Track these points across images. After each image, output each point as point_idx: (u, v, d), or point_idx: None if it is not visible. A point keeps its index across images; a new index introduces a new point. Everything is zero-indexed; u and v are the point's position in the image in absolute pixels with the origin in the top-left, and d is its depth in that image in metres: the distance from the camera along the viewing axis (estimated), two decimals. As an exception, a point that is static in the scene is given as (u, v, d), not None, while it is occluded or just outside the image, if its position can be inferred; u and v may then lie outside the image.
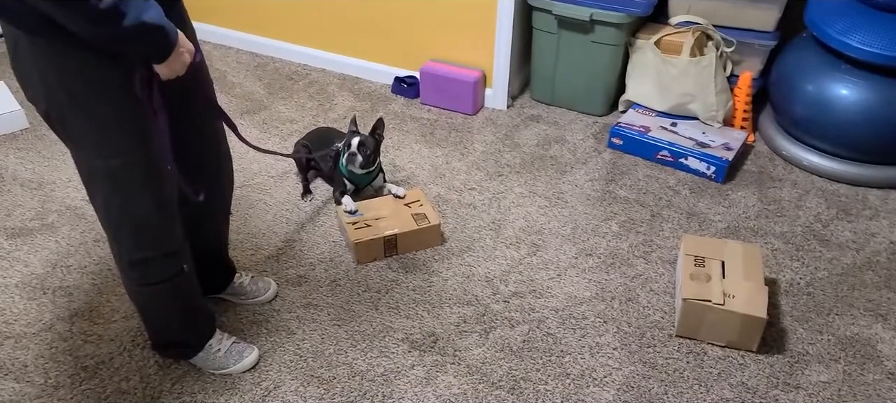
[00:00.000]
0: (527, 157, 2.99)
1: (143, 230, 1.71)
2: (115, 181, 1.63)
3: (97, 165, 1.61)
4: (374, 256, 2.43)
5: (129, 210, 1.67)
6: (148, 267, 1.77)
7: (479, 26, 3.16)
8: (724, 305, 2.06)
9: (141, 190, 1.66)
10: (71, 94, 1.51)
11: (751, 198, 2.78)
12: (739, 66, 3.14)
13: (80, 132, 1.58)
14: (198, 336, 2.01)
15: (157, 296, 1.86)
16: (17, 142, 2.98)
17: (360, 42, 3.49)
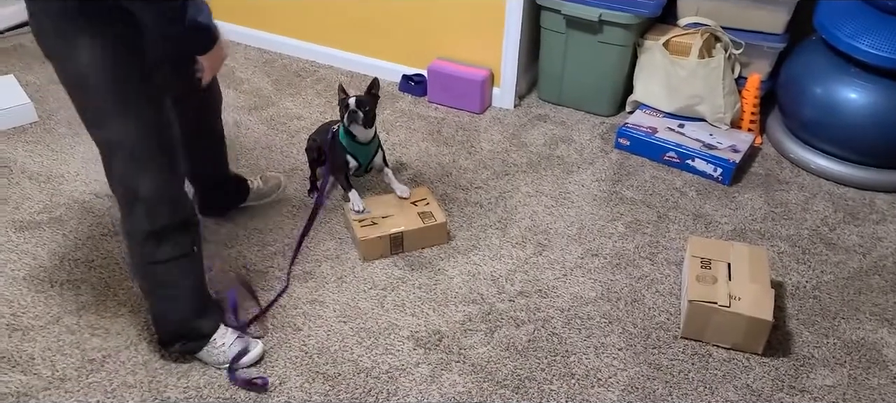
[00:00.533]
0: (534, 157, 2.99)
1: (159, 196, 1.78)
2: (132, 147, 1.72)
3: (114, 130, 1.71)
4: (381, 253, 2.44)
5: (144, 176, 1.75)
6: (162, 240, 1.82)
7: (487, 25, 3.16)
8: (730, 307, 2.06)
9: (155, 155, 1.75)
10: (96, 64, 1.63)
11: (758, 200, 2.77)
12: (748, 68, 3.13)
13: (99, 98, 1.68)
14: (205, 324, 2.02)
15: (169, 275, 1.89)
16: (27, 135, 3.00)
17: (368, 39, 3.49)
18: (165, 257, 1.85)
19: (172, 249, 1.85)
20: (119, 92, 1.68)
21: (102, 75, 1.65)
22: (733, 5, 3.04)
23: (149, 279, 1.93)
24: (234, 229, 2.54)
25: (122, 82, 1.67)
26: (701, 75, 2.97)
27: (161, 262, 1.86)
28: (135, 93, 1.70)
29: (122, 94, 1.68)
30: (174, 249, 1.86)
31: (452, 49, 3.30)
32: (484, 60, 3.26)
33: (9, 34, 3.74)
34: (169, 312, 2.00)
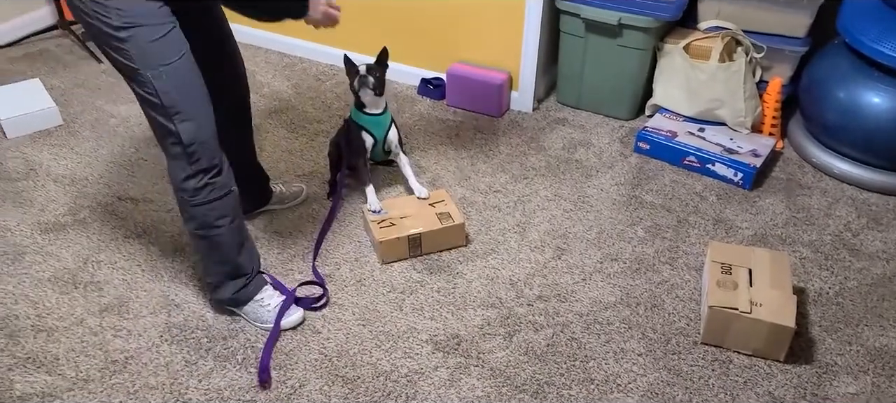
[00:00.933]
0: (552, 160, 2.99)
1: (200, 139, 1.90)
2: (168, 91, 1.83)
3: (151, 78, 1.82)
4: (399, 255, 2.45)
5: (184, 119, 1.87)
6: (202, 182, 1.95)
7: (506, 29, 3.16)
8: (751, 313, 2.04)
9: (192, 93, 1.89)
10: (135, 22, 1.77)
11: (779, 205, 2.75)
12: (769, 71, 3.10)
13: (138, 51, 1.80)
14: (245, 261, 2.15)
15: (212, 212, 2.01)
16: (52, 138, 3.04)
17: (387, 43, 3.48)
18: (208, 198, 1.99)
19: (212, 189, 1.98)
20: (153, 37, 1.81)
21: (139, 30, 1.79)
22: (755, 9, 3.02)
23: (196, 219, 2.02)
24: (254, 232, 2.56)
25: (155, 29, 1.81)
26: (721, 79, 2.95)
27: (205, 203, 1.99)
28: (165, 34, 1.83)
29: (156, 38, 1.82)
30: (215, 189, 1.99)
31: (471, 53, 3.31)
32: (502, 64, 3.26)
33: (34, 39, 3.80)
34: (214, 251, 2.08)
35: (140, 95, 1.87)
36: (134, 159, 2.92)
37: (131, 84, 1.87)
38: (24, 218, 2.60)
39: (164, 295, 2.29)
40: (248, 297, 2.17)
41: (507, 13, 3.13)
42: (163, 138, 1.92)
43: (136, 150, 2.97)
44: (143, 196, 2.72)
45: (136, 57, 1.79)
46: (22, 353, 2.09)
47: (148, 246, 2.48)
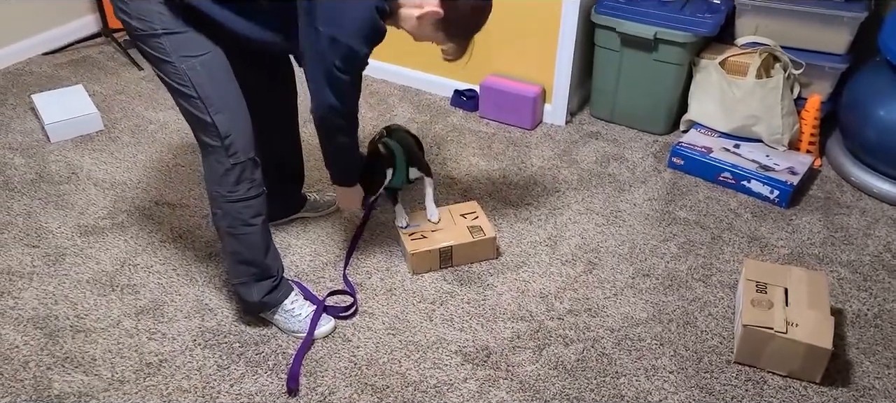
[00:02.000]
0: (585, 174, 2.98)
1: (237, 130, 1.95)
2: (203, 82, 1.90)
3: (185, 70, 1.88)
4: (430, 267, 2.45)
5: (219, 110, 1.92)
6: (240, 176, 1.99)
7: (540, 42, 3.17)
8: (787, 334, 2.01)
9: (225, 85, 1.95)
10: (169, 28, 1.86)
11: (816, 224, 2.70)
12: (808, 88, 3.06)
13: (171, 47, 1.87)
14: (277, 265, 2.19)
15: (247, 209, 2.04)
16: (93, 143, 3.11)
17: (421, 54, 3.51)
18: (241, 196, 2.02)
19: (246, 189, 2.02)
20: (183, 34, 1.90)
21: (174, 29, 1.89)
22: (794, 25, 2.98)
23: (228, 217, 2.05)
24: (287, 239, 2.59)
25: None
26: (758, 95, 2.92)
27: (240, 199, 2.02)
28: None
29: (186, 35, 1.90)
30: (248, 188, 2.02)
31: (505, 65, 3.32)
32: (536, 77, 3.26)
33: (78, 46, 3.89)
34: (245, 250, 2.11)
35: (176, 89, 1.93)
36: (171, 165, 2.97)
37: (166, 79, 1.93)
38: (65, 220, 2.66)
39: (198, 300, 2.33)
40: (277, 301, 2.19)
41: (541, 26, 3.13)
42: (200, 132, 1.97)
43: (174, 156, 3.03)
44: (179, 201, 2.77)
45: (170, 50, 1.87)
46: (61, 353, 2.13)
47: (183, 251, 2.53)
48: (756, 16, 3.05)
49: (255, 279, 2.15)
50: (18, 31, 3.72)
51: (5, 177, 2.87)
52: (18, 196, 2.77)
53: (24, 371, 2.07)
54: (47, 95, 3.30)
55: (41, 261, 2.46)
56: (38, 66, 3.71)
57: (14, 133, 3.16)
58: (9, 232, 2.59)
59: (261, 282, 2.16)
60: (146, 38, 1.87)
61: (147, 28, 1.85)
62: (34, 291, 2.34)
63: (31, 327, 2.21)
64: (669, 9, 3.00)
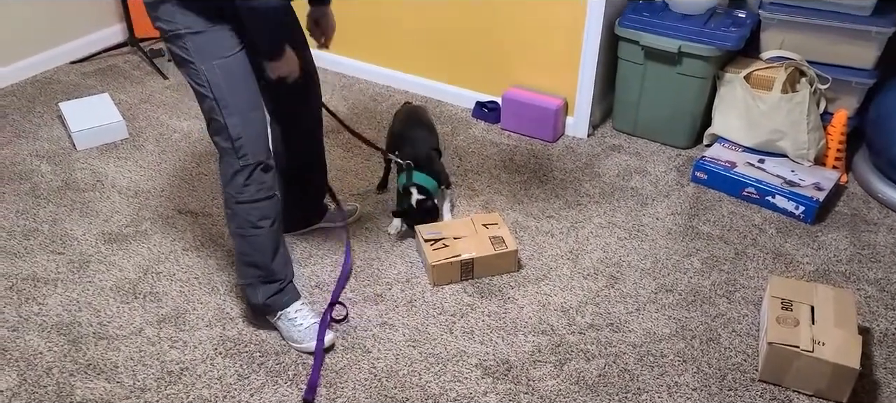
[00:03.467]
0: (607, 187, 2.96)
1: (247, 134, 2.00)
2: (219, 84, 1.95)
3: (204, 70, 1.94)
4: (450, 279, 2.45)
5: (232, 112, 1.97)
6: (248, 178, 2.03)
7: (563, 54, 3.16)
8: (813, 352, 1.98)
9: (241, 90, 1.99)
10: (194, 27, 1.92)
11: (842, 241, 2.66)
12: (834, 103, 3.03)
13: (195, 47, 1.94)
14: (285, 271, 2.20)
15: (254, 211, 2.08)
16: (118, 151, 3.14)
17: (443, 66, 3.53)
18: (252, 196, 2.06)
19: (258, 190, 2.06)
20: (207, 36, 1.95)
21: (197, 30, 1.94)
22: (821, 39, 2.95)
23: (237, 218, 2.10)
24: (308, 248, 2.59)
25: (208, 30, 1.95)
26: (784, 110, 2.89)
27: (248, 201, 2.06)
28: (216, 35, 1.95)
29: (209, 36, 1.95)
30: (260, 189, 2.06)
31: (527, 77, 3.31)
32: (558, 89, 3.25)
33: (105, 54, 3.94)
34: (251, 251, 2.14)
35: (195, 89, 2.00)
36: (195, 173, 3.00)
37: (187, 79, 2.00)
38: (89, 228, 2.68)
39: (219, 309, 2.34)
40: (281, 305, 2.20)
41: (565, 39, 3.12)
42: (215, 133, 2.03)
43: (197, 165, 3.05)
44: (202, 209, 2.79)
45: (193, 50, 1.93)
46: (83, 359, 2.15)
47: (205, 260, 2.54)
48: (782, 30, 3.02)
49: (261, 281, 2.17)
50: (47, 40, 3.78)
51: (32, 184, 2.91)
52: (45, 203, 2.81)
53: (47, 377, 2.09)
54: (74, 103, 3.34)
55: (66, 268, 2.49)
56: (66, 75, 3.76)
57: (41, 140, 3.20)
58: (35, 238, 2.62)
59: (267, 285, 2.18)
60: (172, 38, 1.94)
61: (172, 28, 1.92)
62: (58, 298, 2.37)
63: (55, 333, 2.23)
64: (694, 22, 2.98)
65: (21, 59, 3.69)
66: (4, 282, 2.42)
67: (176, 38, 1.94)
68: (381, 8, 3.53)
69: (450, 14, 3.36)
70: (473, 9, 3.28)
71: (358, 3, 3.57)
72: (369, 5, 3.55)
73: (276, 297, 2.19)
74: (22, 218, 2.72)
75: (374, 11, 3.56)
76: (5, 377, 2.09)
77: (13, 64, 3.66)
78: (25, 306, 2.33)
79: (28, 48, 3.71)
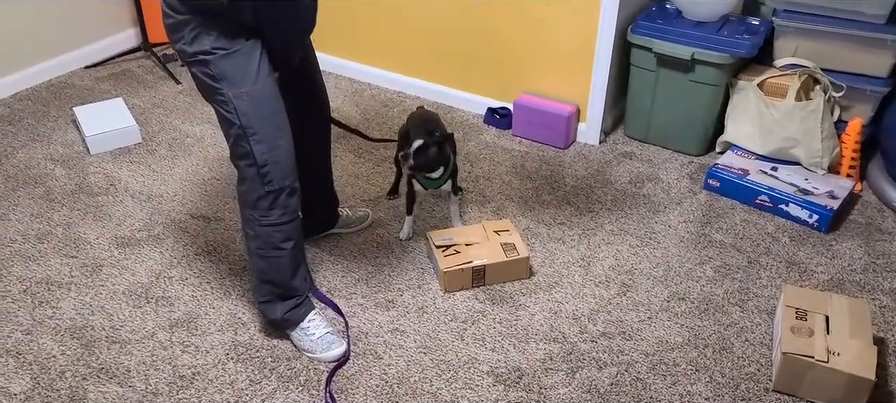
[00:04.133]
0: (618, 194, 2.95)
1: (273, 160, 1.96)
2: (247, 112, 1.91)
3: (232, 97, 1.90)
4: (462, 285, 2.44)
5: (260, 140, 1.93)
6: (273, 203, 2.00)
7: (575, 61, 3.16)
8: (828, 363, 1.96)
9: (269, 117, 1.94)
10: (219, 48, 1.87)
11: (857, 250, 2.64)
12: (848, 111, 3.01)
13: (221, 73, 1.89)
14: (305, 286, 2.20)
15: (277, 234, 2.06)
16: (131, 155, 3.16)
17: (455, 72, 3.53)
18: (276, 219, 2.03)
19: (281, 214, 2.03)
20: (235, 61, 1.91)
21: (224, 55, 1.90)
22: (835, 47, 2.93)
23: (259, 239, 2.07)
24: (319, 254, 2.60)
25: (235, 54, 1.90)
26: (798, 118, 2.87)
27: (272, 224, 2.03)
28: (245, 60, 1.91)
29: (237, 62, 1.91)
30: (283, 213, 2.04)
31: (539, 83, 3.31)
32: (570, 95, 3.25)
33: (119, 59, 3.97)
34: (272, 271, 2.13)
35: (220, 114, 1.95)
36: (207, 178, 3.01)
37: (212, 102, 1.95)
38: (102, 232, 2.70)
39: (231, 314, 2.34)
40: (299, 319, 2.20)
41: (577, 45, 3.12)
42: (240, 158, 1.98)
43: (210, 170, 3.06)
44: (214, 214, 2.80)
45: (219, 76, 1.88)
46: (96, 363, 2.16)
47: (217, 264, 2.55)
48: (796, 37, 3.01)
49: (279, 298, 2.17)
50: (62, 45, 3.81)
51: (47, 188, 2.93)
52: (59, 206, 2.82)
53: (60, 380, 2.10)
54: (88, 108, 3.36)
55: (79, 272, 2.50)
56: (80, 79, 3.79)
57: (56, 144, 3.22)
58: (49, 242, 2.64)
59: (284, 302, 2.17)
60: (196, 63, 1.89)
61: (196, 50, 1.86)
62: (72, 301, 2.38)
63: (68, 337, 2.24)
64: (707, 30, 2.97)
65: (36, 63, 3.71)
66: (19, 285, 2.44)
67: (201, 63, 1.88)
68: (392, 13, 3.54)
69: (462, 19, 3.37)
70: (486, 14, 3.28)
71: (370, 8, 3.58)
72: (381, 11, 3.56)
73: (294, 312, 2.19)
74: (36, 221, 2.74)
75: (385, 17, 3.57)
76: (19, 380, 2.10)
77: (28, 68, 3.68)
78: (39, 309, 2.35)
79: (43, 53, 3.73)
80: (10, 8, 3.52)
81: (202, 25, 1.83)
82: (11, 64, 3.61)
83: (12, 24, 3.55)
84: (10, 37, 3.57)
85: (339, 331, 2.26)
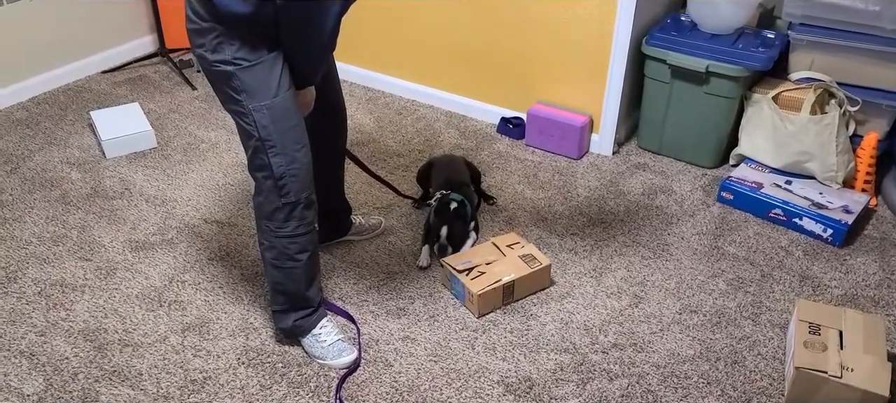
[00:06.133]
0: (631, 206, 2.94)
1: (291, 173, 1.95)
2: (266, 125, 1.90)
3: (252, 110, 1.89)
4: (494, 306, 2.39)
5: (278, 153, 1.93)
6: (289, 215, 2.00)
7: (589, 72, 3.16)
8: (842, 378, 1.95)
9: (288, 131, 1.93)
10: (241, 59, 1.86)
11: (871, 265, 2.62)
12: (864, 125, 2.99)
13: (242, 85, 1.88)
14: (313, 293, 2.19)
15: (293, 245, 2.06)
16: (146, 160, 3.19)
17: (469, 81, 3.54)
18: (292, 231, 2.03)
19: (298, 224, 2.03)
20: (255, 74, 1.90)
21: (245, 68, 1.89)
22: (851, 61, 2.92)
23: (274, 250, 2.08)
24: (331, 261, 2.61)
25: (256, 67, 1.89)
26: (812, 132, 2.86)
27: (288, 236, 2.04)
28: (265, 74, 1.90)
29: (257, 75, 1.90)
30: (301, 226, 2.04)
31: (552, 93, 3.31)
32: (583, 106, 3.25)
33: (136, 65, 4.01)
34: (287, 281, 2.13)
35: (239, 125, 1.95)
36: (221, 183, 3.03)
37: (231, 113, 1.95)
38: (117, 235, 2.72)
39: (243, 318, 2.35)
40: (310, 327, 2.21)
41: (591, 57, 3.12)
42: (257, 170, 1.98)
43: (224, 175, 3.08)
44: (228, 219, 2.81)
45: (240, 88, 1.87)
46: (109, 366, 2.17)
47: (230, 269, 2.56)
48: (811, 51, 3.00)
49: (292, 308, 2.18)
50: (79, 50, 3.85)
51: (62, 191, 2.96)
52: (74, 209, 2.85)
53: (72, 382, 2.12)
54: (105, 112, 3.40)
55: (93, 275, 2.52)
56: (97, 84, 3.82)
57: (72, 148, 3.25)
58: (64, 244, 2.66)
59: (296, 311, 2.18)
60: (217, 73, 1.88)
61: (219, 60, 1.85)
62: (85, 304, 2.40)
63: (82, 339, 2.26)
64: (722, 42, 2.97)
65: (54, 68, 3.76)
66: (33, 287, 2.46)
67: (222, 73, 1.86)
68: (407, 23, 3.55)
69: (476, 29, 3.38)
70: (500, 24, 3.29)
71: (385, 17, 3.60)
72: (396, 20, 3.58)
73: (305, 320, 2.20)
74: (52, 224, 2.76)
75: (400, 26, 3.58)
76: (32, 381, 2.12)
77: (47, 72, 3.73)
78: (53, 311, 2.36)
79: (61, 57, 3.78)
80: (29, 13, 3.56)
81: (225, 35, 1.82)
82: (30, 68, 3.66)
83: (31, 29, 3.59)
84: (29, 41, 3.61)
85: (350, 338, 2.26)
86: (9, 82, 3.59)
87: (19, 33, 3.55)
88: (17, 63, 3.59)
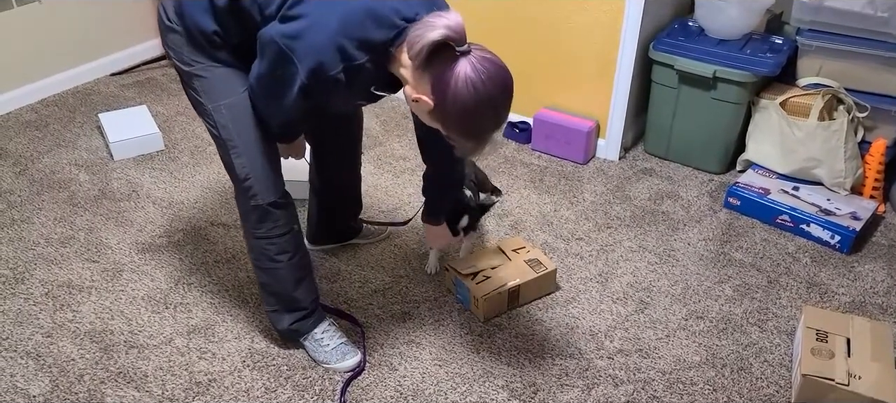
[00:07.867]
0: (637, 211, 2.93)
1: (255, 175, 1.94)
2: (226, 124, 1.91)
3: (211, 111, 1.91)
4: (499, 310, 2.39)
5: (239, 153, 1.93)
6: (263, 216, 1.99)
7: (596, 76, 3.15)
8: (849, 386, 1.93)
9: (249, 130, 1.92)
10: (208, 64, 1.89)
11: (880, 272, 2.61)
12: (872, 132, 2.97)
13: (201, 86, 1.91)
14: (310, 298, 2.18)
15: (271, 247, 2.05)
16: (154, 162, 3.20)
17: (475, 86, 3.53)
18: (266, 233, 2.03)
19: (273, 226, 2.02)
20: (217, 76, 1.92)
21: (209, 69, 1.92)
22: (859, 67, 2.91)
23: (254, 251, 2.09)
24: (337, 264, 2.61)
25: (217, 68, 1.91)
26: (820, 138, 2.84)
27: (263, 237, 2.03)
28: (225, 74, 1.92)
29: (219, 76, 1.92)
30: (275, 228, 2.02)
31: (559, 98, 3.31)
32: (590, 111, 3.24)
33: (144, 67, 4.03)
34: (273, 282, 2.13)
35: (206, 128, 1.99)
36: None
37: (199, 116, 1.99)
38: (124, 237, 2.73)
39: (248, 321, 2.36)
40: (308, 329, 2.20)
41: (598, 62, 3.12)
42: (227, 171, 2.01)
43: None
44: (234, 222, 2.82)
45: (201, 90, 1.90)
46: (114, 368, 2.18)
47: (236, 272, 2.56)
48: (819, 57, 2.99)
49: (284, 309, 2.17)
50: (88, 53, 3.87)
51: (70, 193, 2.97)
52: (81, 211, 2.86)
53: (78, 384, 2.12)
54: (113, 115, 3.41)
55: (100, 276, 2.53)
56: (106, 87, 3.84)
57: (80, 150, 3.27)
58: (71, 246, 2.67)
59: (291, 313, 2.17)
60: (184, 73, 1.92)
61: (181, 61, 1.88)
62: (92, 305, 2.41)
63: (88, 341, 2.27)
64: (729, 47, 2.96)
65: (63, 70, 3.78)
66: (41, 288, 2.47)
67: (187, 75, 1.90)
68: (414, 27, 3.55)
69: (482, 33, 3.36)
70: (506, 28, 3.29)
71: (392, 21, 3.60)
72: (403, 24, 3.58)
73: (302, 322, 2.19)
74: (59, 225, 2.78)
75: (407, 30, 3.59)
76: (38, 382, 2.12)
77: (55, 75, 3.75)
78: (60, 313, 2.37)
79: (70, 60, 3.80)
80: (39, 16, 3.58)
81: (189, 40, 1.86)
82: (39, 70, 3.68)
83: (40, 32, 3.62)
84: (39, 44, 3.63)
85: (354, 341, 2.26)
86: (18, 84, 3.61)
87: (29, 36, 3.57)
88: (26, 65, 3.61)
